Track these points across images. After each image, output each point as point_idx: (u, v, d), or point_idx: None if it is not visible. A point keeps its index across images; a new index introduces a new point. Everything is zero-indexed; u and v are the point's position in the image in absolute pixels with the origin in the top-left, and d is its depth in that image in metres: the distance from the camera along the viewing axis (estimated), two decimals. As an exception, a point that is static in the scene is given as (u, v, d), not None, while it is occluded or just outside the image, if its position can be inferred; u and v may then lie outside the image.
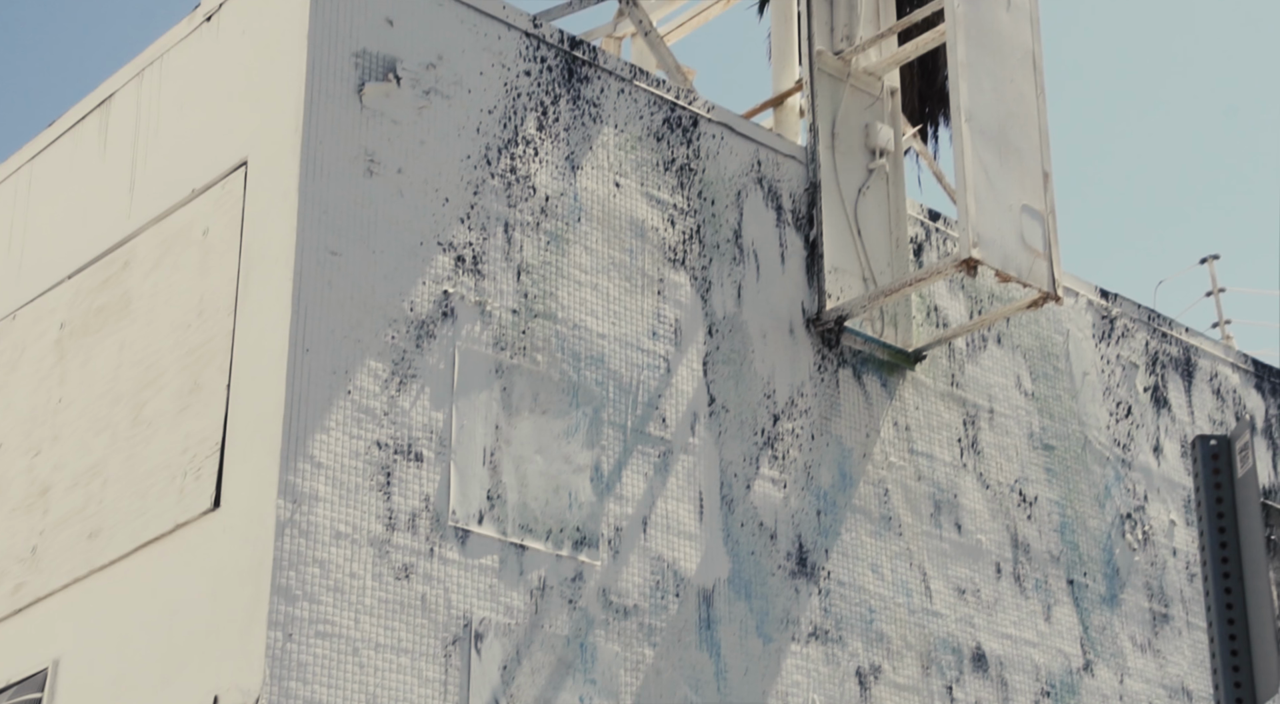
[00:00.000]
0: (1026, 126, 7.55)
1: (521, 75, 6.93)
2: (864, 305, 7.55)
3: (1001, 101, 7.48)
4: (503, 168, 6.76)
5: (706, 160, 7.49)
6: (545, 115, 6.96)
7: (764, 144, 7.75)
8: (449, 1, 6.75)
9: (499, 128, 6.79)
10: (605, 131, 7.16)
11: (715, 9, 9.52)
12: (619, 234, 7.06)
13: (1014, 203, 7.38)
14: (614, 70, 7.26)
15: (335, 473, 5.96)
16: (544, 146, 6.92)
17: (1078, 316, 8.75)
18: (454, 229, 6.54)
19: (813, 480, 7.34)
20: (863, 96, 8.19)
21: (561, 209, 6.90)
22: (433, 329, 6.37)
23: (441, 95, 6.64)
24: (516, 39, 6.95)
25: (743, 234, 7.51)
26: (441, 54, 6.68)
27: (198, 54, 6.91)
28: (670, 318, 7.13)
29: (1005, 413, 8.23)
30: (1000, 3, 7.62)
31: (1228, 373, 9.37)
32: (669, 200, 7.29)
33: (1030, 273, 7.35)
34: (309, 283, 6.08)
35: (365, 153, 6.36)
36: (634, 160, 7.22)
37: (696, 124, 7.51)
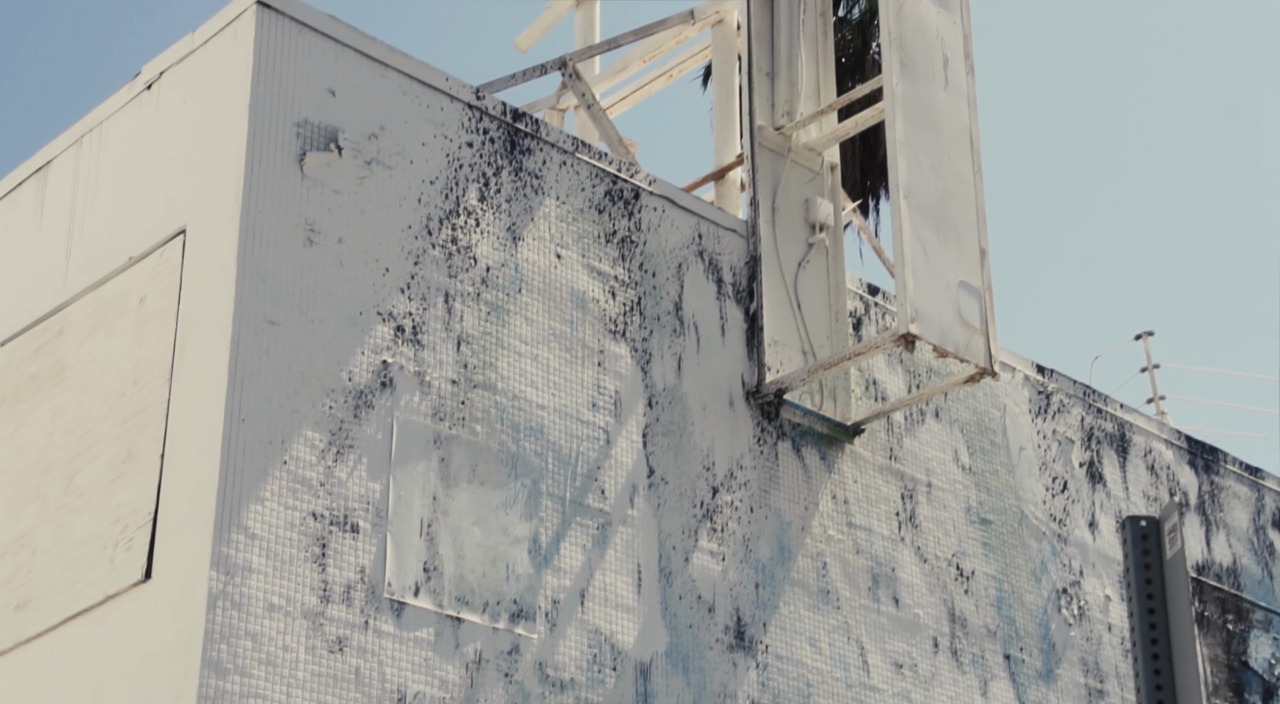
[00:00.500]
0: (964, 204, 7.64)
1: (464, 146, 6.95)
2: (803, 378, 7.58)
3: (939, 179, 7.57)
4: (444, 238, 6.76)
5: (648, 233, 7.53)
6: (487, 186, 6.98)
7: (705, 217, 7.80)
8: (392, 73, 6.78)
9: (441, 198, 6.80)
10: (547, 203, 7.18)
11: (659, 83, 9.60)
12: (560, 305, 7.07)
13: (951, 279, 7.45)
14: (556, 142, 7.30)
15: (269, 544, 5.90)
16: (485, 217, 6.94)
17: (1015, 392, 8.82)
18: (394, 299, 6.52)
19: (751, 553, 7.34)
20: (803, 171, 8.27)
21: (502, 280, 6.91)
22: (371, 399, 6.33)
23: (383, 165, 6.64)
24: (459, 111, 6.97)
25: (683, 306, 7.53)
26: (384, 125, 6.69)
27: (138, 122, 6.89)
28: (610, 389, 7.13)
29: (943, 487, 8.26)
30: (938, 82, 7.73)
31: (1161, 449, 9.46)
32: (610, 272, 7.31)
33: (967, 348, 7.41)
34: (246, 352, 6.04)
35: (305, 222, 6.35)
36: (575, 232, 7.24)
37: (638, 197, 7.55)
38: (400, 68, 6.80)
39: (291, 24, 6.51)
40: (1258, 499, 9.91)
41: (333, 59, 6.60)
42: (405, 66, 6.82)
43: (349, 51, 6.66)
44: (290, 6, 6.52)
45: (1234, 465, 9.83)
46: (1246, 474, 9.91)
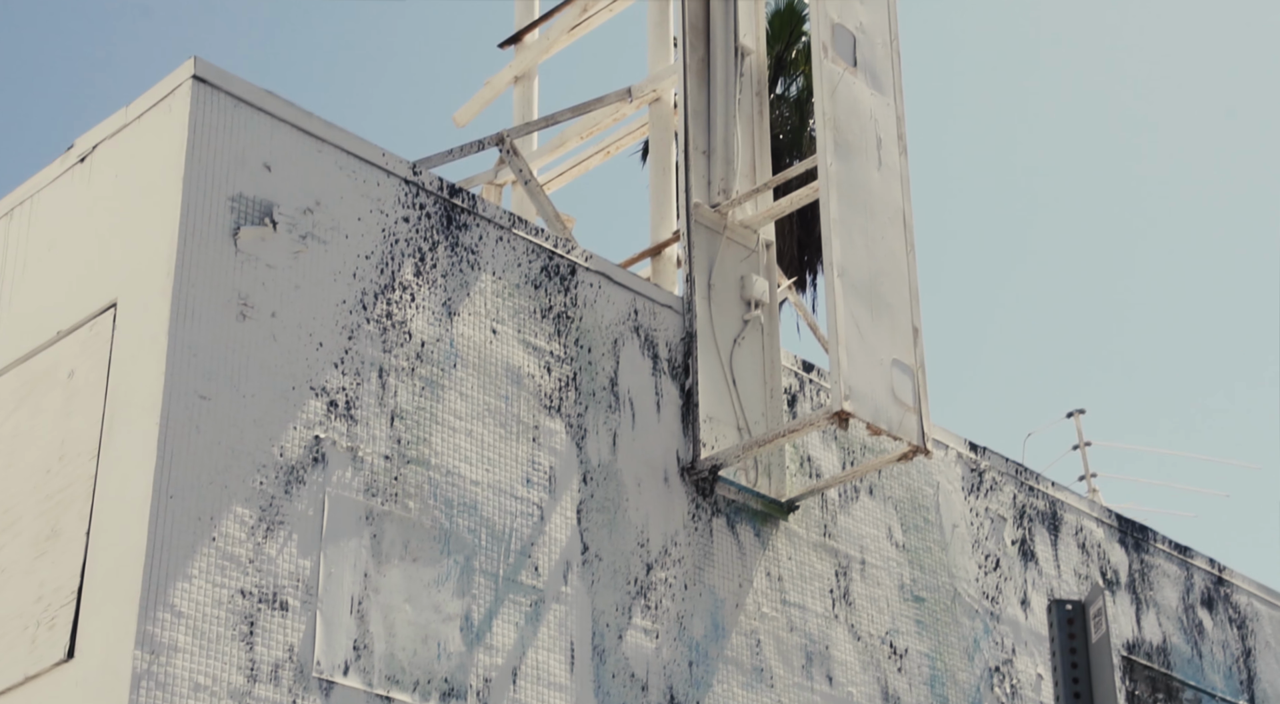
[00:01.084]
0: (897, 282, 7.71)
1: (400, 221, 6.95)
2: (738, 455, 7.59)
3: (873, 258, 7.64)
4: (379, 313, 6.74)
5: (584, 308, 7.54)
6: (423, 261, 6.98)
7: (641, 293, 7.83)
8: (328, 147, 6.78)
9: (376, 273, 6.79)
10: (483, 278, 7.18)
11: (596, 159, 9.65)
12: (495, 380, 7.06)
13: (885, 357, 7.50)
14: (493, 218, 7.31)
15: (196, 622, 5.82)
16: (421, 292, 6.93)
17: (947, 469, 8.86)
18: (327, 374, 6.49)
19: (685, 630, 7.31)
20: (739, 249, 8.32)
21: (437, 355, 6.89)
22: (302, 475, 6.28)
23: (318, 240, 6.63)
24: (395, 186, 6.98)
25: (619, 382, 7.54)
26: (319, 199, 6.69)
27: (70, 195, 6.85)
28: (545, 465, 7.11)
29: (877, 564, 8.27)
30: (871, 162, 7.82)
31: (1093, 527, 9.52)
32: (545, 347, 7.31)
33: (900, 426, 7.45)
34: (176, 427, 5.98)
35: (239, 296, 6.32)
36: (511, 307, 7.25)
37: (574, 272, 7.56)
38: (336, 143, 6.81)
39: (227, 99, 6.51)
40: (1187, 578, 9.99)
41: (269, 134, 6.59)
42: (342, 141, 6.82)
43: (285, 126, 6.65)
44: (226, 81, 6.52)
45: (1163, 544, 9.91)
46: (1176, 553, 9.99)
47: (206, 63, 6.49)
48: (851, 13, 8.05)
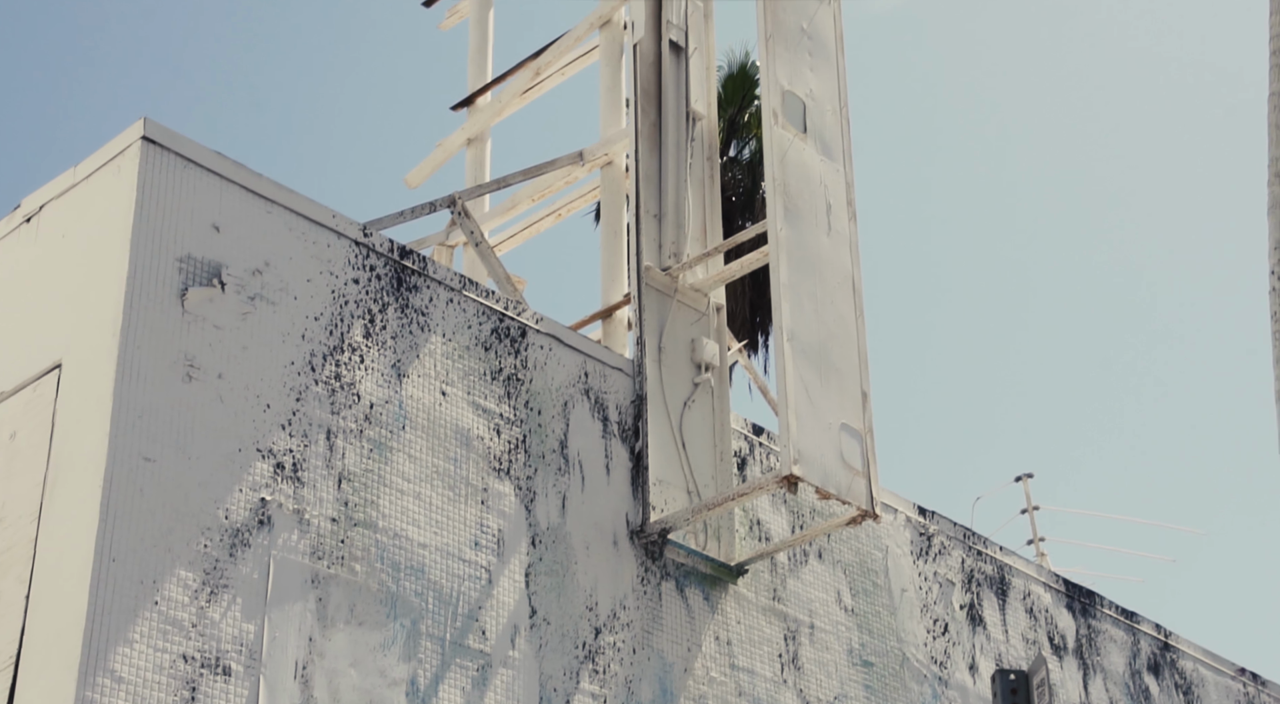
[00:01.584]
0: (846, 347, 7.74)
1: (350, 283, 6.94)
2: (688, 518, 7.58)
3: (822, 322, 7.67)
4: (327, 375, 6.72)
5: (534, 371, 7.53)
6: (373, 323, 6.96)
7: (591, 356, 7.83)
8: (278, 209, 6.77)
9: (325, 335, 6.77)
10: (433, 340, 7.17)
11: (548, 221, 9.68)
12: (444, 443, 7.03)
13: (834, 421, 7.52)
14: (443, 280, 7.31)
15: (137, 688, 5.74)
16: (370, 354, 6.91)
17: (896, 533, 8.88)
18: (274, 436, 6.45)
19: (633, 695, 7.26)
20: (689, 312, 8.35)
21: (386, 417, 6.86)
22: (248, 537, 6.23)
23: (267, 301, 6.61)
24: (346, 247, 6.97)
25: (568, 445, 7.53)
26: (268, 260, 6.67)
27: (15, 255, 6.81)
28: (493, 528, 7.07)
29: (826, 628, 8.26)
30: (821, 228, 7.87)
31: (1040, 592, 9.55)
32: (495, 410, 7.30)
33: (849, 490, 7.46)
34: (119, 489, 5.92)
35: (185, 358, 6.28)
36: (461, 369, 7.23)
37: (525, 334, 7.56)
38: (286, 204, 6.80)
39: (177, 159, 6.49)
40: (1133, 643, 10.02)
41: (218, 195, 6.58)
42: (292, 203, 6.82)
43: (235, 187, 6.65)
44: (176, 142, 6.51)
45: (1110, 609, 9.95)
46: (1122, 618, 10.03)
47: (156, 124, 6.48)
48: (802, 80, 8.13)
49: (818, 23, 8.33)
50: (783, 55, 8.07)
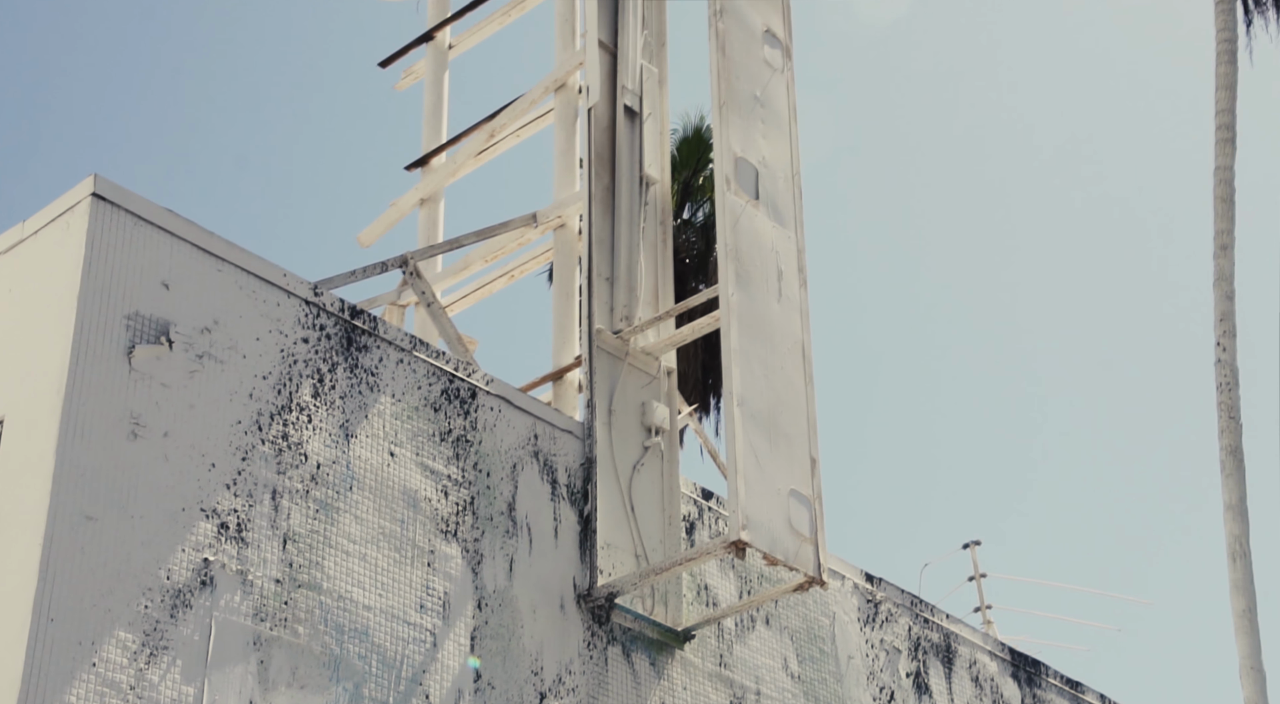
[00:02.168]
0: (796, 413, 7.76)
1: (299, 342, 6.91)
2: (635, 583, 7.55)
3: (772, 388, 7.69)
4: (274, 434, 6.67)
5: (483, 432, 7.51)
6: (321, 382, 6.93)
7: (541, 418, 7.82)
8: (228, 267, 6.75)
9: (273, 394, 6.73)
10: (382, 400, 7.14)
11: (500, 282, 9.68)
12: (391, 504, 6.99)
13: (782, 487, 7.53)
14: (393, 340, 7.29)
15: (72, 751, 5.64)
16: (318, 414, 6.87)
17: (844, 600, 8.87)
18: (219, 495, 6.39)
19: (577, 762, 7.21)
20: (640, 375, 8.35)
21: (333, 477, 6.82)
22: (189, 599, 6.16)
23: (215, 360, 6.57)
24: (296, 306, 6.95)
25: (517, 507, 7.50)
26: (218, 318, 6.64)
27: (-38, 308, 6.75)
28: (439, 591, 7.02)
29: (772, 695, 8.23)
30: (772, 294, 7.91)
31: (986, 660, 9.55)
32: (443, 471, 7.27)
33: (797, 557, 7.45)
34: (60, 548, 5.85)
35: (130, 416, 6.23)
36: (410, 430, 7.20)
37: (475, 396, 7.55)
38: (237, 262, 6.77)
39: (127, 216, 6.47)
40: (1079, 713, 10.02)
41: (168, 252, 6.56)
42: (242, 261, 6.80)
43: (185, 245, 6.62)
44: (126, 199, 6.48)
45: (1055, 679, 9.96)
46: (1067, 688, 10.04)
47: (106, 180, 6.46)
48: (754, 147, 8.20)
49: (771, 91, 8.41)
50: (736, 122, 8.13)
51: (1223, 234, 16.78)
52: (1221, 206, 16.98)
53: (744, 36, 8.38)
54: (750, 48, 8.40)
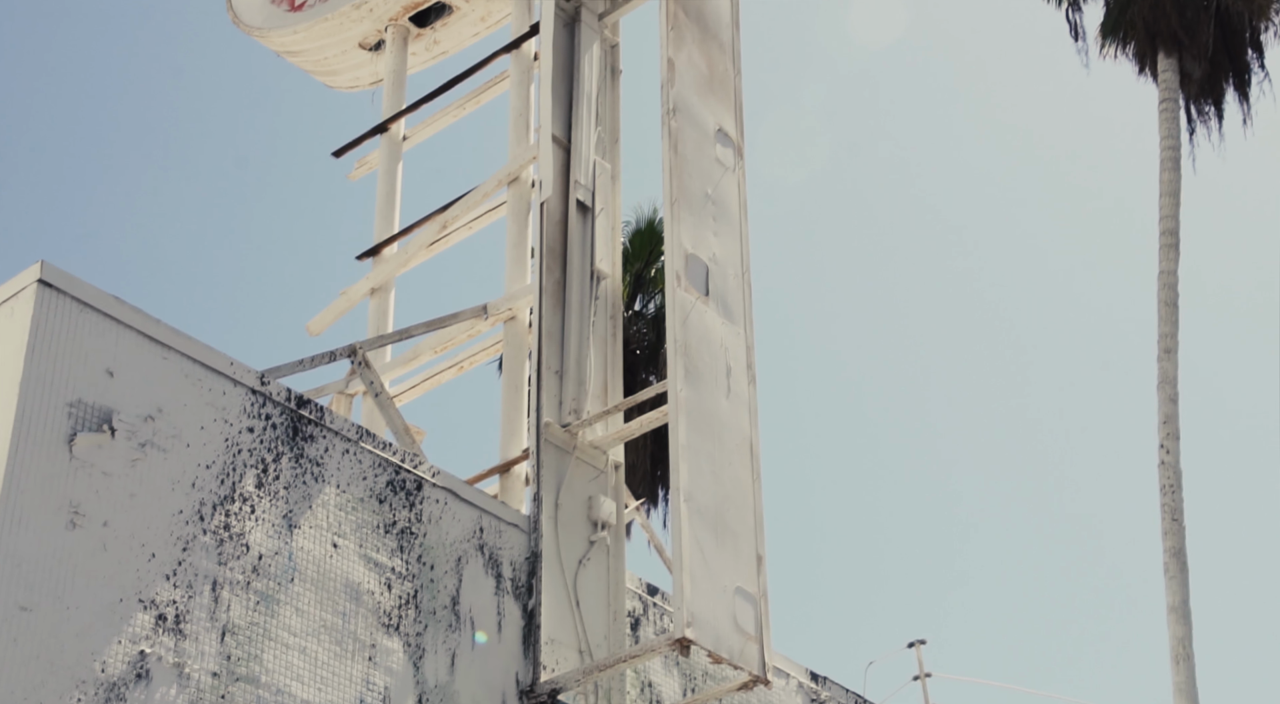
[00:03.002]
0: (743, 510, 7.75)
1: (244, 431, 6.86)
2: (578, 679, 7.48)
3: (720, 485, 7.69)
4: (216, 524, 6.60)
5: (428, 524, 7.46)
6: (265, 473, 6.87)
7: (487, 511, 7.77)
8: (174, 355, 6.71)
9: (216, 483, 6.67)
10: (326, 491, 7.09)
11: (449, 373, 9.66)
12: (333, 596, 6.92)
13: (728, 584, 7.50)
14: (340, 430, 7.25)
15: None
16: (261, 504, 6.81)
17: (788, 698, 8.81)
18: (158, 586, 6.31)
19: None
20: (588, 469, 8.33)
21: (275, 569, 6.74)
22: (124, 692, 6.05)
23: (158, 448, 6.51)
24: (242, 395, 6.91)
25: (460, 601, 7.43)
26: (162, 407, 6.59)
27: (-98, 392, 6.66)
28: (380, 685, 6.93)
29: (715, 795, 8.14)
30: (720, 390, 7.93)
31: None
32: (387, 563, 7.20)
33: (741, 655, 7.41)
34: (-8, 639, 5.74)
35: (70, 504, 6.15)
36: (354, 522, 7.14)
37: (420, 487, 7.50)
38: (183, 350, 6.74)
39: (73, 303, 6.43)
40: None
41: (113, 340, 6.51)
42: (188, 349, 6.76)
43: (131, 332, 6.58)
44: (72, 286, 6.44)
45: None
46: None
47: (53, 267, 6.42)
48: (705, 244, 8.25)
49: (722, 188, 8.48)
50: (687, 219, 8.19)
51: (1167, 337, 16.99)
52: (1166, 310, 17.21)
53: (696, 135, 8.47)
54: (702, 146, 8.48)
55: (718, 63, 8.78)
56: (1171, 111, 18.47)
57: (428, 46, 10.56)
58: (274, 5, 10.52)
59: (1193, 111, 19.01)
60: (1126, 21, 19.00)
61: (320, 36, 10.44)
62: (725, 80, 8.80)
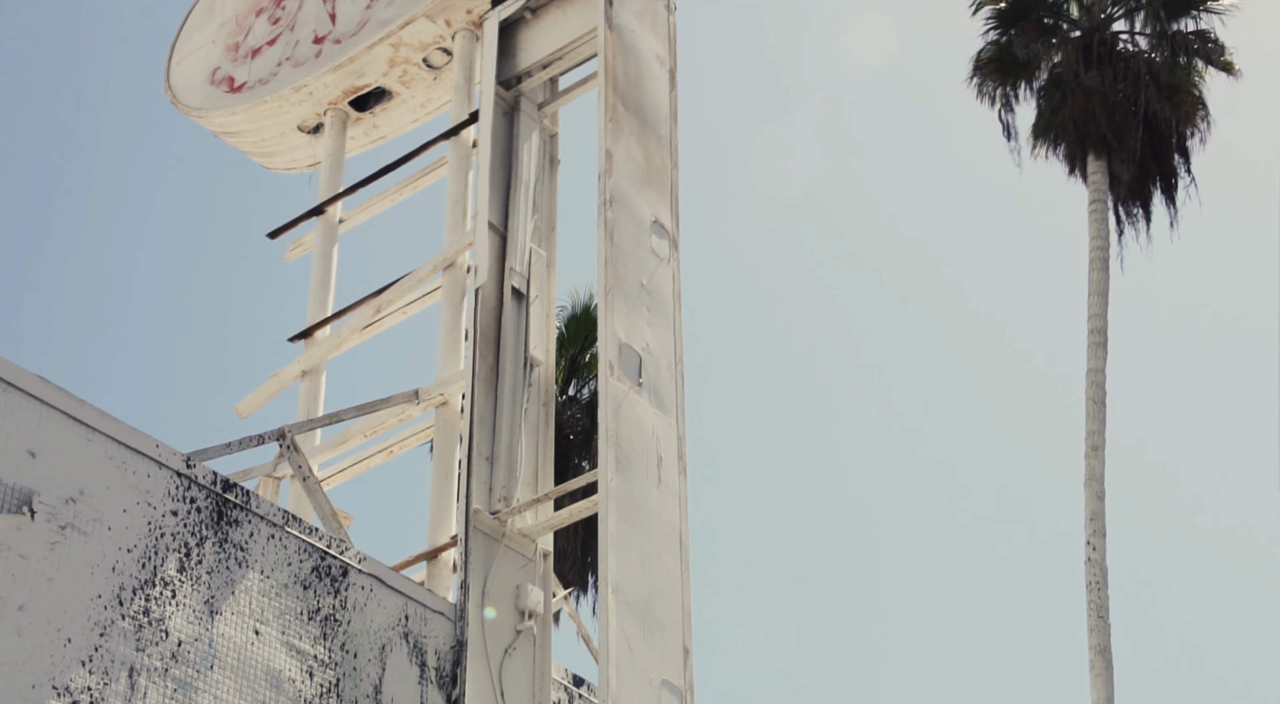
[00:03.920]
0: (671, 602, 7.72)
1: (168, 515, 6.78)
2: (501, 772, 7.38)
3: (648, 576, 7.66)
4: (135, 609, 6.50)
5: (353, 611, 7.37)
6: (188, 557, 6.78)
7: (413, 598, 7.69)
8: (99, 436, 6.63)
9: (137, 568, 6.57)
10: (250, 577, 7.00)
11: (379, 457, 9.59)
12: (253, 684, 6.80)
13: (654, 677, 7.45)
14: (266, 515, 7.17)
15: None
16: (183, 589, 6.71)
17: (715, 792, 8.74)
18: (73, 672, 6.19)
19: None
20: (516, 557, 8.27)
21: (194, 655, 6.63)
22: (34, 781, 5.92)
23: (79, 531, 6.41)
24: (167, 478, 6.83)
25: (383, 690, 7.33)
26: (84, 489, 6.50)
27: None
28: (298, 777, 6.81)
29: None
30: (651, 480, 7.92)
31: None
32: (310, 651, 7.10)
33: (667, 749, 7.35)
34: (-101, 725, 5.61)
35: (-15, 587, 6.04)
36: (277, 608, 7.05)
37: (346, 574, 7.42)
38: (108, 432, 6.66)
39: (-3, 382, 6.35)
40: None
41: (36, 420, 6.43)
42: (113, 431, 6.68)
43: (54, 413, 6.50)
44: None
45: None
46: None
47: (-21, 344, 6.35)
48: (639, 334, 8.27)
49: (657, 279, 8.52)
50: (621, 309, 8.22)
51: (1094, 435, 17.18)
52: (1093, 408, 17.41)
53: (632, 226, 8.52)
54: (638, 237, 8.53)
55: (655, 155, 8.86)
56: (1101, 213, 18.81)
57: (367, 131, 10.59)
58: (213, 86, 10.52)
59: (1121, 213, 19.37)
60: (1058, 124, 19.37)
61: (259, 118, 10.44)
62: (662, 172, 8.87)
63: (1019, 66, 19.75)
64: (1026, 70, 19.75)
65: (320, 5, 10.35)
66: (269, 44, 10.46)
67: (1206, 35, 19.49)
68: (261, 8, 10.67)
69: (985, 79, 19.94)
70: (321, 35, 10.29)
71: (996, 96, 19.94)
